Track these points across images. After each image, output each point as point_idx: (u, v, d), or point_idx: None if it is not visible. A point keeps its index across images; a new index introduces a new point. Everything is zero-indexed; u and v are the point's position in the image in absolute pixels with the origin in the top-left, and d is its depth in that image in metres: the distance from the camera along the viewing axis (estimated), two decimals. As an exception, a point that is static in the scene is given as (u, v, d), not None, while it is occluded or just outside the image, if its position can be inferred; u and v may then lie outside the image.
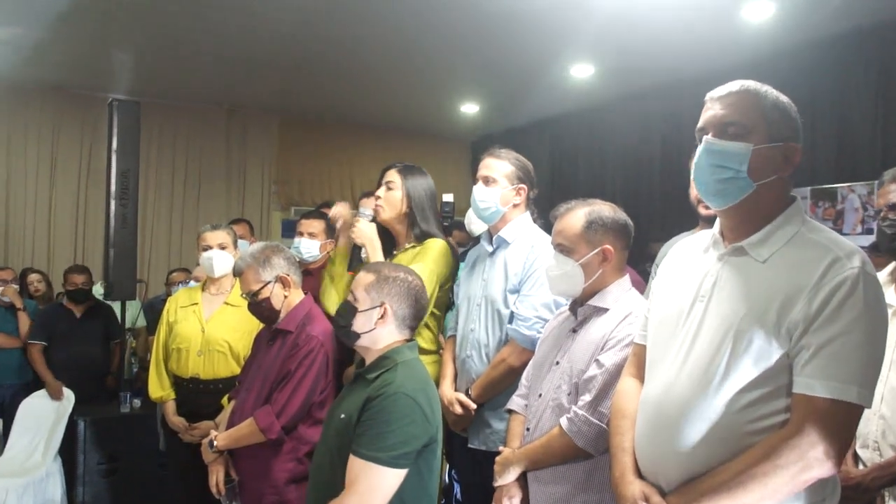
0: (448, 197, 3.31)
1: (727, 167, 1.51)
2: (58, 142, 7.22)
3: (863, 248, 1.51)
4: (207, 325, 3.37)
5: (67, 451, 4.43)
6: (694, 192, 2.47)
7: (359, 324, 2.02)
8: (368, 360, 2.07)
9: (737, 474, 1.41)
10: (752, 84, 1.56)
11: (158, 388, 3.43)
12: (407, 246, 2.89)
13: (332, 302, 2.90)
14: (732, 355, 1.46)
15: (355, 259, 2.94)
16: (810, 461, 1.37)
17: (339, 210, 3.13)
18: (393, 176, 2.92)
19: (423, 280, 2.59)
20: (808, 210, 5.13)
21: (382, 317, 2.02)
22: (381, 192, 2.93)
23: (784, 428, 1.40)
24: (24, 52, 5.92)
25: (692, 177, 1.59)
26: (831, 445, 1.36)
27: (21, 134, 7.03)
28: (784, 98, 1.56)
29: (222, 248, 3.45)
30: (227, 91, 7.30)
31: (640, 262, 2.75)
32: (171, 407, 3.40)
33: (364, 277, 2.07)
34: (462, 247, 4.31)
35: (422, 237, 2.88)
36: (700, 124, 1.59)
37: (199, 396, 3.32)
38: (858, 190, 4.92)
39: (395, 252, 2.94)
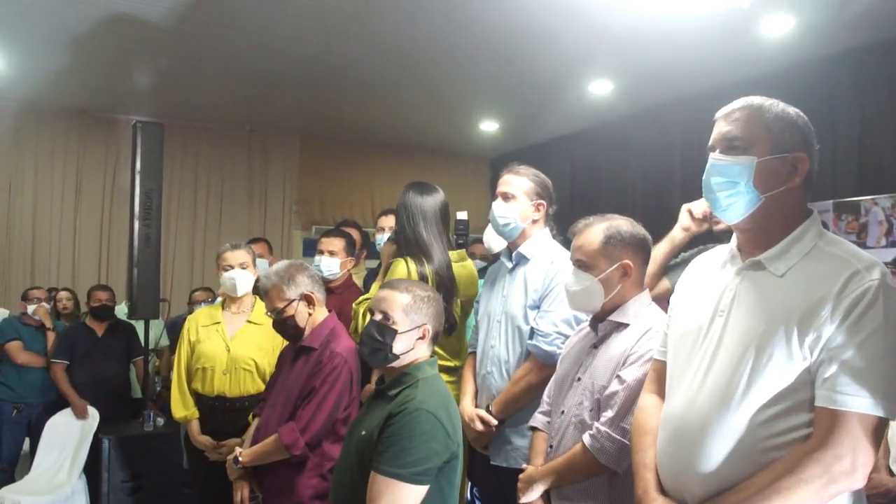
0: (462, 215, 3.29)
1: (733, 181, 1.53)
2: (83, 164, 7.33)
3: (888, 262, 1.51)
4: (232, 343, 3.38)
5: (92, 469, 4.47)
6: (703, 207, 2.48)
7: (398, 346, 2.01)
8: (389, 377, 2.07)
9: (761, 489, 1.40)
10: (756, 99, 1.58)
11: (182, 407, 3.41)
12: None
13: None
14: (753, 371, 1.46)
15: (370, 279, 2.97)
16: (835, 475, 1.36)
17: None
18: None
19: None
20: (831, 224, 5.09)
21: (422, 337, 2.03)
22: None
23: (808, 442, 1.40)
24: (49, 77, 6.04)
25: (703, 195, 1.60)
26: (856, 458, 1.36)
27: (47, 156, 7.15)
28: (791, 110, 1.57)
29: (243, 267, 3.46)
30: (248, 112, 7.38)
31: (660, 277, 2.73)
32: (195, 426, 3.39)
33: (398, 298, 2.05)
34: (485, 261, 4.31)
35: (398, 254, 2.91)
36: (709, 143, 1.61)
37: (224, 415, 3.33)
38: (882, 203, 4.87)
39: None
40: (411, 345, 2.02)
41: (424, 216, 2.91)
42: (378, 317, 2.05)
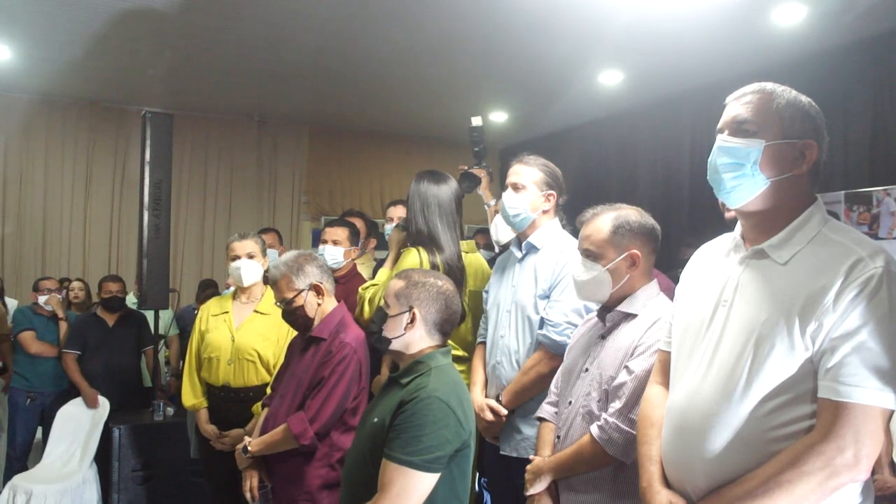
0: (476, 121, 3.26)
1: (739, 163, 1.50)
2: (93, 154, 7.36)
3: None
4: (237, 333, 3.39)
5: (103, 458, 4.50)
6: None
7: (389, 329, 2.03)
8: (402, 366, 2.07)
9: (763, 482, 1.39)
10: (768, 85, 1.56)
11: (191, 396, 3.44)
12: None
13: None
14: (755, 361, 1.44)
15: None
16: (837, 467, 1.34)
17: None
18: None
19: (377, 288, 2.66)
20: (843, 215, 5.05)
21: (412, 321, 2.02)
22: None
23: (810, 434, 1.38)
24: (59, 68, 6.06)
25: (708, 176, 1.58)
26: (859, 450, 1.34)
27: (57, 147, 7.18)
28: (803, 98, 1.55)
29: (250, 257, 3.46)
30: (257, 103, 7.39)
31: (671, 268, 2.72)
32: (203, 415, 3.41)
33: (395, 283, 2.07)
34: (488, 250, 4.30)
35: (410, 243, 2.93)
36: (718, 126, 1.59)
37: (229, 405, 3.34)
38: (894, 193, 4.83)
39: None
40: (402, 329, 2.02)
41: (440, 205, 2.91)
42: (383, 303, 2.08)
